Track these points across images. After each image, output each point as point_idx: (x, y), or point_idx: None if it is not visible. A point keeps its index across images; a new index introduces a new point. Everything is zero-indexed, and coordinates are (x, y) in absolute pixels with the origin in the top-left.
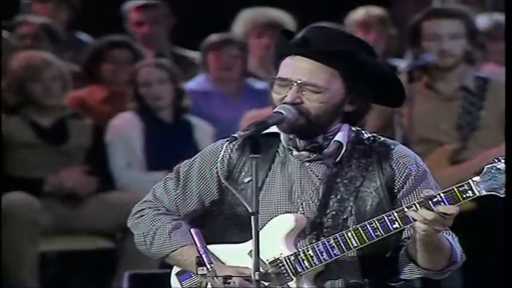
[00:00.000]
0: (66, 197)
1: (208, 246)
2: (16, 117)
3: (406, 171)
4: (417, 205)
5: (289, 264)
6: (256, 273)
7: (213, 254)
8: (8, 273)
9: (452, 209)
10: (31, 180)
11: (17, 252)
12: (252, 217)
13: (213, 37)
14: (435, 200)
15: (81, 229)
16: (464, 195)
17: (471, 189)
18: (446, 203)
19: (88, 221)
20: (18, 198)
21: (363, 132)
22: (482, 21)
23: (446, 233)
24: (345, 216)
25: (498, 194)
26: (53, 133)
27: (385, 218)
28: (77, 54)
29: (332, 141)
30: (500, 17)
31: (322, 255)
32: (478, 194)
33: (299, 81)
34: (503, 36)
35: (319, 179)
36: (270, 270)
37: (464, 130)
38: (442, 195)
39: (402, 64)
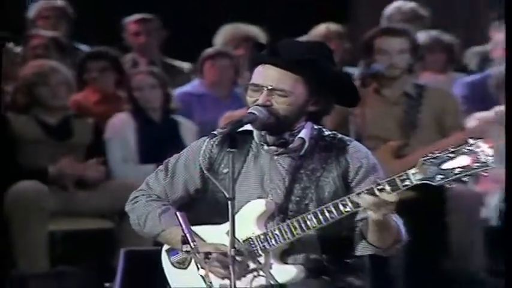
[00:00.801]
0: (74, 183)
1: (192, 227)
2: (26, 117)
3: (358, 164)
4: (365, 192)
5: (259, 242)
6: (232, 249)
7: (196, 233)
8: (21, 251)
9: (392, 196)
10: (40, 170)
11: (28, 233)
12: (229, 202)
13: (210, 49)
14: (379, 187)
15: (85, 212)
16: (403, 184)
17: (409, 178)
18: (389, 190)
19: (91, 205)
20: (29, 186)
21: (324, 130)
22: (422, 36)
23: (393, 216)
24: (306, 202)
25: (431, 183)
26: (58, 130)
27: (339, 202)
28: (75, 61)
29: (297, 137)
30: (436, 33)
31: (286, 235)
32: (414, 182)
33: (269, 87)
34: (439, 49)
35: (286, 170)
36: (243, 248)
37: (406, 129)
38: (385, 184)
39: (355, 72)
